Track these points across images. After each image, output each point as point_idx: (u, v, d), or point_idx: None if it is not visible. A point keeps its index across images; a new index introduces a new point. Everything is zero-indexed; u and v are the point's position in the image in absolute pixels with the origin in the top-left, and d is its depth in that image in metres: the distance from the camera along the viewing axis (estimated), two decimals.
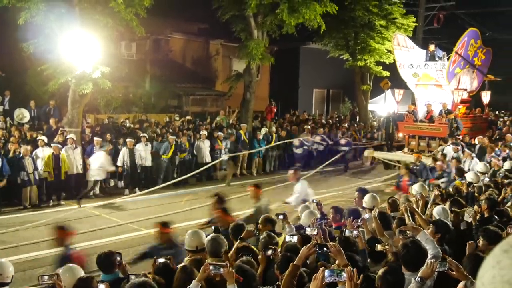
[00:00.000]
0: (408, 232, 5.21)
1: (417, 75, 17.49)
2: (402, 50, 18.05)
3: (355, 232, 5.15)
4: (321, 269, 3.67)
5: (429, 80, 17.37)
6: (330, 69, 30.65)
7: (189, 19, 28.12)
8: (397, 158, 17.42)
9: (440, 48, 17.83)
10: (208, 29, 28.43)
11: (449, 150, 14.59)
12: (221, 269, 4.03)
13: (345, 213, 6.91)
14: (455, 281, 4.10)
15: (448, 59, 16.63)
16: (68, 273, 4.67)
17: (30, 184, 12.93)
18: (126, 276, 4.54)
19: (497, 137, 18.36)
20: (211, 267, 4.06)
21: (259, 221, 6.41)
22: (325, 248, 4.36)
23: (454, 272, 4.11)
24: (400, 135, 18.78)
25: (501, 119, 25.22)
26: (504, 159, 12.85)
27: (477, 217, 6.93)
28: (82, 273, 4.73)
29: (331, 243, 4.44)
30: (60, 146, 13.67)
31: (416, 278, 3.98)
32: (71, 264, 4.99)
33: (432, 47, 17.41)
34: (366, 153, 18.88)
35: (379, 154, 18.14)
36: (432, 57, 17.19)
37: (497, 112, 28.41)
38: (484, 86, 19.55)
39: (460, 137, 15.82)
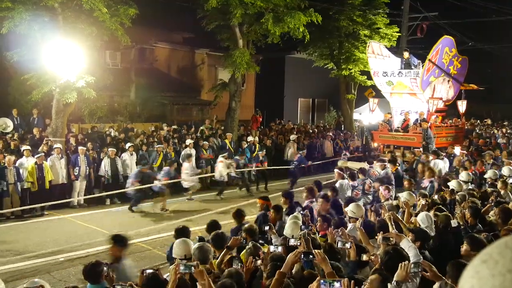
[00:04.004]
0: (391, 239, 5.29)
1: (391, 83, 17.20)
2: (377, 58, 17.82)
3: (347, 244, 5.18)
4: (317, 279, 3.72)
5: (404, 89, 17.09)
6: (315, 78, 30.84)
7: (174, 28, 28.12)
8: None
9: (415, 56, 17.61)
10: (193, 38, 28.48)
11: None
12: (192, 268, 4.07)
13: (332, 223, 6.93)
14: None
15: (422, 67, 16.43)
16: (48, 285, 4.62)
17: (8, 195, 12.64)
18: (112, 286, 4.50)
19: (474, 149, 17.90)
20: (181, 267, 4.08)
21: (243, 230, 6.51)
22: (311, 256, 4.40)
23: (427, 273, 4.16)
24: (375, 144, 18.27)
25: (478, 130, 24.99)
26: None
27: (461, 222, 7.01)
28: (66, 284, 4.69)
29: (316, 251, 4.47)
30: (43, 155, 13.52)
31: (392, 283, 4.01)
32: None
33: (406, 55, 17.18)
34: (339, 163, 17.90)
35: (353, 164, 17.30)
36: (407, 65, 16.93)
37: (472, 121, 28.69)
38: (460, 95, 19.13)
39: (434, 147, 15.37)
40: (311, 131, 24.63)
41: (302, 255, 4.44)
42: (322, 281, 3.72)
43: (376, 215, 7.64)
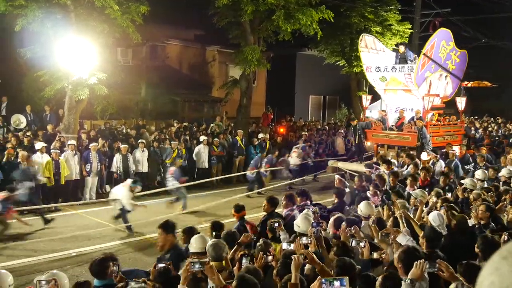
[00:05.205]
0: (390, 234, 5.45)
1: (384, 79, 16.23)
2: (370, 52, 16.89)
3: (361, 243, 5.18)
4: (318, 278, 3.72)
5: (398, 85, 16.06)
6: (326, 75, 30.70)
7: (185, 25, 28.17)
8: (361, 169, 14.95)
9: (411, 50, 16.86)
10: (204, 35, 28.50)
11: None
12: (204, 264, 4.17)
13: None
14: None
15: (417, 62, 15.38)
16: (67, 278, 4.65)
17: None
18: (125, 282, 4.53)
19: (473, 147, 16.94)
20: (193, 264, 4.17)
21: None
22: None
23: (444, 274, 4.12)
24: (368, 144, 17.16)
25: (476, 128, 23.94)
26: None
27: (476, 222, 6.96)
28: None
29: (304, 250, 4.66)
30: (59, 151, 13.65)
31: (406, 280, 3.99)
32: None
33: (402, 49, 16.30)
34: (330, 163, 17.07)
35: (344, 165, 16.36)
36: (402, 60, 16.01)
37: (485, 118, 28.21)
38: (460, 92, 17.94)
39: (429, 148, 14.56)
40: (321, 128, 24.57)
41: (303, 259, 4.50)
42: (323, 280, 3.73)
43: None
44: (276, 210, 7.82)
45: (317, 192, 15.36)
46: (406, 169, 12.61)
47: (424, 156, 14.12)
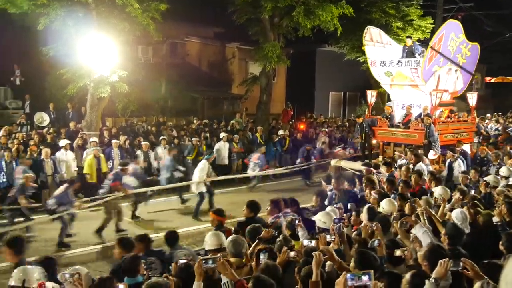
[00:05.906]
0: (408, 224, 5.61)
1: (390, 74, 15.61)
2: (376, 46, 16.23)
3: (376, 242, 5.16)
4: (343, 273, 3.67)
5: (404, 80, 15.38)
6: (346, 71, 30.42)
7: (204, 22, 28.27)
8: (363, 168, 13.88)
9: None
10: (224, 32, 28.57)
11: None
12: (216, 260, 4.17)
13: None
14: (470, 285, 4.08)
15: (424, 55, 14.66)
16: (90, 279, 4.71)
17: (47, 187, 12.87)
18: (148, 275, 4.59)
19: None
20: (208, 262, 4.17)
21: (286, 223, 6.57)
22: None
23: (469, 272, 4.06)
24: (374, 142, 16.36)
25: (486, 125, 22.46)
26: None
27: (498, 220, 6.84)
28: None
29: (325, 247, 4.69)
30: (100, 149, 13.87)
31: (430, 280, 3.93)
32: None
33: (409, 42, 15.67)
34: (333, 162, 15.84)
35: (347, 164, 15.20)
36: (409, 54, 15.35)
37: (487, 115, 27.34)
38: (471, 87, 17.37)
39: (437, 146, 13.84)
40: (342, 124, 24.43)
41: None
42: (349, 275, 3.60)
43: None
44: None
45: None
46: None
47: (431, 154, 13.68)
